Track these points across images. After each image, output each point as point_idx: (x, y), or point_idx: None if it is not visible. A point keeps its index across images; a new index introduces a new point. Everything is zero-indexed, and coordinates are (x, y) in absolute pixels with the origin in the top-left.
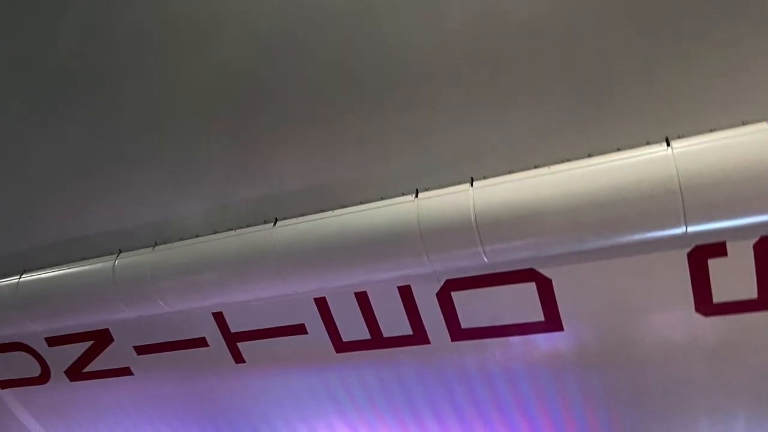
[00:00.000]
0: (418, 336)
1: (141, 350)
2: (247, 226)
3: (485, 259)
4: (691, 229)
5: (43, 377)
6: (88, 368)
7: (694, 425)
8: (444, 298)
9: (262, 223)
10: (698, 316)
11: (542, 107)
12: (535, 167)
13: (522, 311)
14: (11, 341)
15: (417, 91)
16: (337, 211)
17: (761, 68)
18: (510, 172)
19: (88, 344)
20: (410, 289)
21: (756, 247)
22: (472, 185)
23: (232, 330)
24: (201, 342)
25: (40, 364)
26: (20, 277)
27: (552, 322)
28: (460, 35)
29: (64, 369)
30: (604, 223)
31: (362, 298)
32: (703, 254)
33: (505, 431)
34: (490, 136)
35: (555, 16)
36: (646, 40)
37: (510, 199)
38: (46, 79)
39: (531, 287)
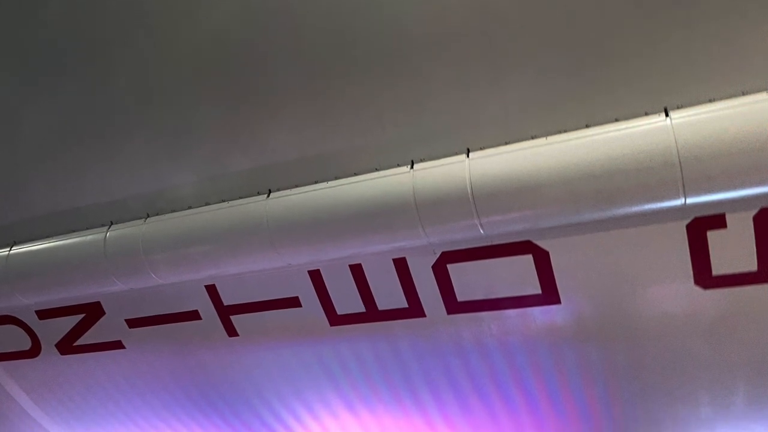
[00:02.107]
0: (414, 309)
1: (133, 323)
2: (241, 197)
3: (482, 231)
4: (690, 200)
5: (34, 351)
6: (79, 342)
7: (693, 399)
8: (440, 270)
9: (255, 195)
10: (697, 289)
11: (539, 77)
12: (532, 138)
13: (519, 284)
14: (1, 314)
15: (412, 60)
16: (331, 183)
17: (761, 37)
18: (506, 143)
19: (79, 317)
20: (405, 261)
21: (756, 218)
22: (468, 156)
23: (225, 303)
24: (194, 315)
25: (31, 338)
26: (10, 250)
27: (549, 294)
28: (455, 4)
29: (55, 342)
30: (601, 195)
31: (357, 271)
32: (702, 226)
33: (501, 405)
34: (486, 107)
35: None
36: (644, 8)
37: (506, 170)
38: (36, 48)
39: (528, 260)
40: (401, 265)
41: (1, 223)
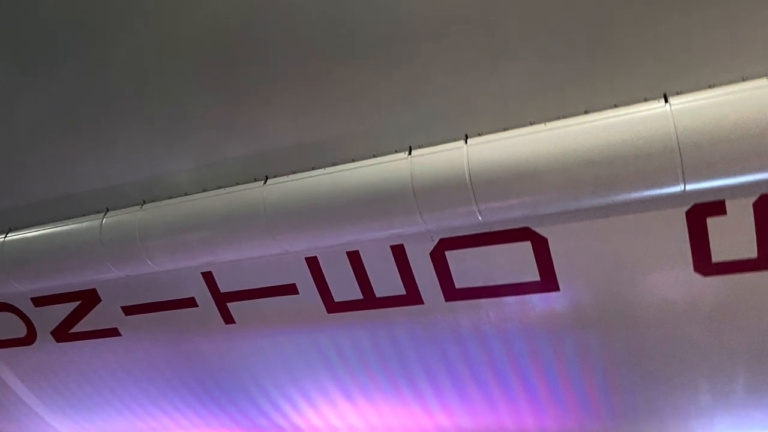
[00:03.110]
0: (412, 296)
1: (129, 310)
2: (237, 184)
3: (480, 218)
4: (689, 187)
5: (29, 338)
6: (75, 329)
7: (693, 386)
8: (438, 257)
9: (252, 181)
10: (697, 276)
11: (538, 62)
12: (531, 124)
13: (517, 271)
14: None
15: (410, 45)
16: (328, 169)
17: (761, 23)
18: (505, 129)
19: (75, 304)
20: (403, 248)
21: (756, 205)
22: (466, 142)
23: (222, 290)
24: (190, 302)
25: (26, 325)
26: (5, 237)
27: (548, 281)
28: None
29: (51, 330)
30: (600, 181)
31: (354, 258)
32: (702, 213)
33: (500, 393)
34: (484, 92)
35: None
36: None
37: (505, 157)
38: (32, 32)
39: (526, 246)
40: (399, 252)
41: None
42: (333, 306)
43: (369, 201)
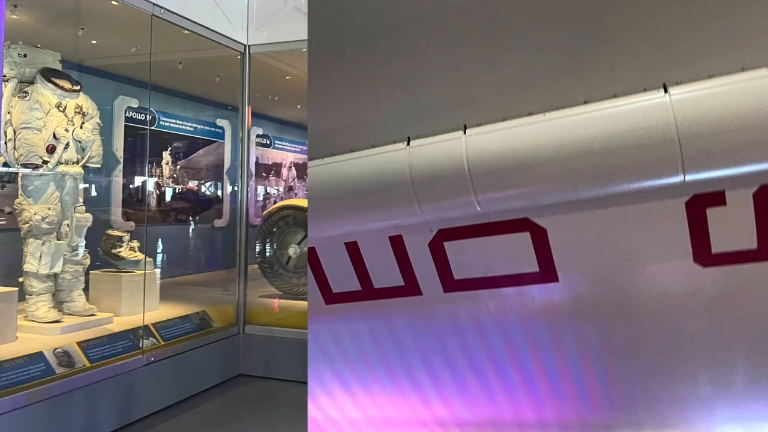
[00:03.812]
0: (410, 287)
1: None
2: None
3: (479, 209)
4: (689, 177)
5: None
6: None
7: (692, 378)
8: (436, 248)
9: None
10: (696, 267)
11: (537, 52)
12: (530, 114)
13: (516, 262)
14: None
15: (408, 35)
16: (327, 159)
17: (762, 12)
18: (504, 119)
19: None
20: (401, 239)
21: (756, 196)
22: (465, 132)
23: None
24: None
25: None
26: None
27: (547, 272)
28: None
29: None
30: (599, 172)
31: (352, 249)
32: (702, 203)
33: (498, 384)
34: (483, 83)
35: None
36: None
37: (504, 147)
38: None
39: (525, 237)
40: (397, 243)
41: None
42: (331, 297)
43: (367, 191)
